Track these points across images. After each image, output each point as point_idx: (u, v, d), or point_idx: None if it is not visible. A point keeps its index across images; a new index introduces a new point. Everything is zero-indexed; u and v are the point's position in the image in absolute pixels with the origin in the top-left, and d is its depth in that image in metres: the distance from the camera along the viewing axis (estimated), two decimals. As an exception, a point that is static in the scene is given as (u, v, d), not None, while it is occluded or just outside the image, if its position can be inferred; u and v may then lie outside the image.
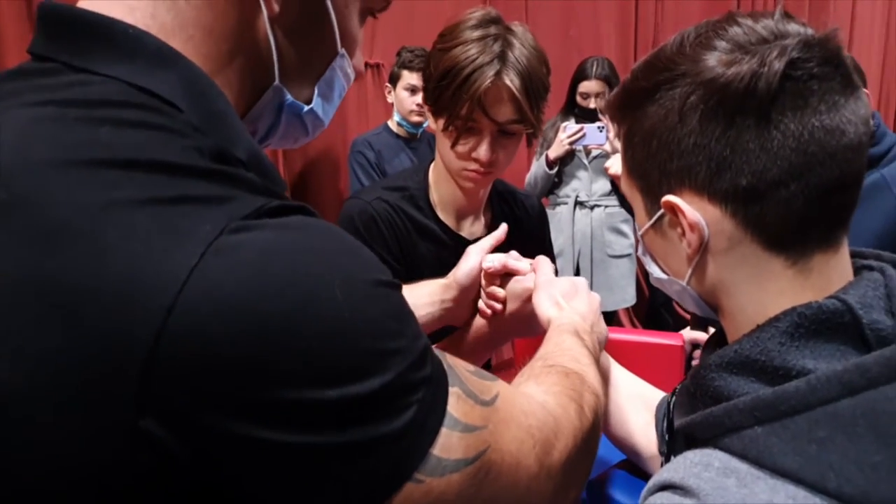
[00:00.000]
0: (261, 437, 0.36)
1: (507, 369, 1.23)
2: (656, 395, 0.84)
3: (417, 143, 2.55)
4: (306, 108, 0.55)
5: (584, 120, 2.61)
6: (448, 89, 0.98)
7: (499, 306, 0.90)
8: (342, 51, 0.54)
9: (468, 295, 0.92)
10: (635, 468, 0.86)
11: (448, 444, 0.43)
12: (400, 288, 0.44)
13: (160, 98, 0.42)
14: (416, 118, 2.46)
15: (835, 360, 0.47)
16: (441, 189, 1.16)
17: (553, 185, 2.73)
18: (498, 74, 0.96)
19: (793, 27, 0.50)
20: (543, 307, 0.82)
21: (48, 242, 0.34)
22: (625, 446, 0.85)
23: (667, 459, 0.64)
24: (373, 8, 0.57)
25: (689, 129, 0.51)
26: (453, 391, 0.45)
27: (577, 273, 2.69)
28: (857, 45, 4.42)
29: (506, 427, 0.48)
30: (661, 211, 0.55)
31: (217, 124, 0.44)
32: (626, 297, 2.75)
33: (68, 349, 0.33)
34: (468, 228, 1.19)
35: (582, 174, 2.71)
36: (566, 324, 0.77)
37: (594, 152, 2.67)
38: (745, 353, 0.50)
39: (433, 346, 0.46)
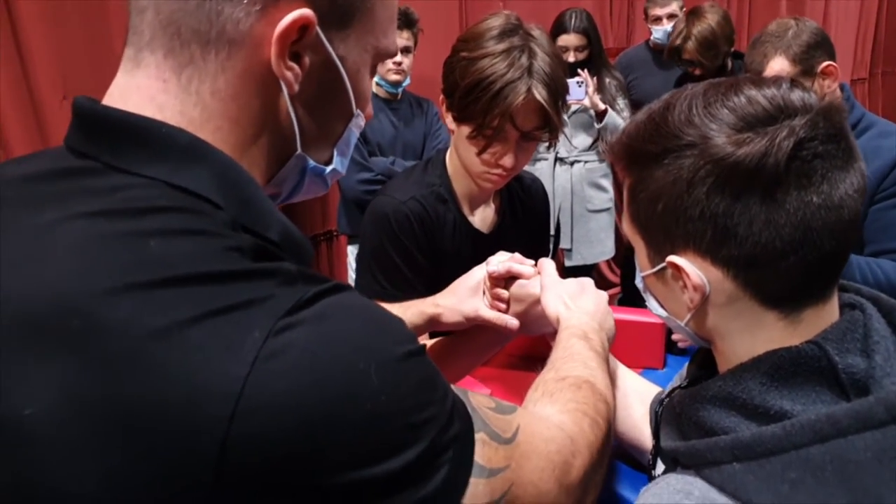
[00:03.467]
0: None
1: (497, 354, 1.29)
2: (651, 391, 0.90)
3: (398, 103, 2.53)
4: (328, 169, 0.58)
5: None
6: (478, 102, 1.02)
7: (503, 306, 0.96)
8: (357, 111, 0.57)
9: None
10: (634, 459, 0.92)
11: (475, 492, 0.48)
12: (424, 351, 0.48)
13: (198, 196, 0.46)
14: (394, 77, 2.44)
15: (810, 402, 0.51)
16: (458, 183, 1.22)
17: (533, 140, 2.75)
18: (529, 90, 1.01)
19: (796, 96, 0.52)
20: (552, 306, 0.87)
21: (118, 367, 0.38)
22: (625, 440, 0.91)
23: (654, 461, 0.70)
24: (382, 61, 0.58)
25: (696, 199, 0.53)
26: (479, 437, 0.50)
27: (558, 228, 2.75)
28: (835, 16, 4.51)
29: (527, 460, 0.54)
30: (664, 264, 0.58)
31: (251, 212, 0.48)
32: (606, 249, 2.82)
33: (146, 465, 0.38)
34: (480, 215, 1.26)
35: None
36: (574, 326, 0.82)
37: (573, 107, 2.68)
38: (728, 390, 0.55)
39: (456, 383, 0.51)
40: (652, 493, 0.56)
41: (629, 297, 3.21)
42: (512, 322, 0.94)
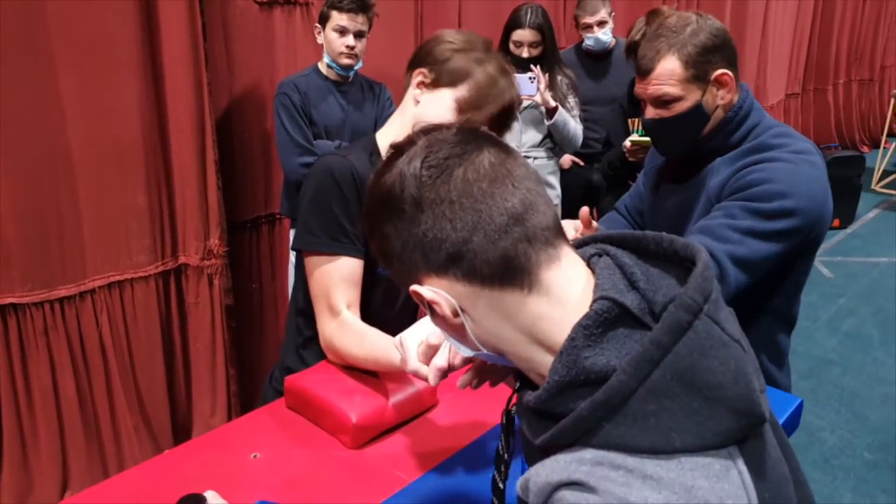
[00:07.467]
0: None
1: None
2: None
3: (349, 86, 2.47)
4: None
5: (516, 69, 2.61)
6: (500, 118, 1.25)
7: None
8: None
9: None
10: None
11: None
12: None
13: None
14: (345, 61, 2.38)
15: (625, 344, 0.54)
16: None
17: (483, 133, 2.74)
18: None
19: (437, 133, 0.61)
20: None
21: None
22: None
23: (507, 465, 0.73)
24: None
25: (394, 237, 0.60)
26: None
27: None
28: (772, 35, 4.76)
29: None
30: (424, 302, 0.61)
31: None
32: (550, 245, 2.85)
33: None
34: None
35: (512, 125, 2.73)
36: None
37: (525, 103, 2.68)
38: (564, 377, 0.55)
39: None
40: (547, 470, 0.55)
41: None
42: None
